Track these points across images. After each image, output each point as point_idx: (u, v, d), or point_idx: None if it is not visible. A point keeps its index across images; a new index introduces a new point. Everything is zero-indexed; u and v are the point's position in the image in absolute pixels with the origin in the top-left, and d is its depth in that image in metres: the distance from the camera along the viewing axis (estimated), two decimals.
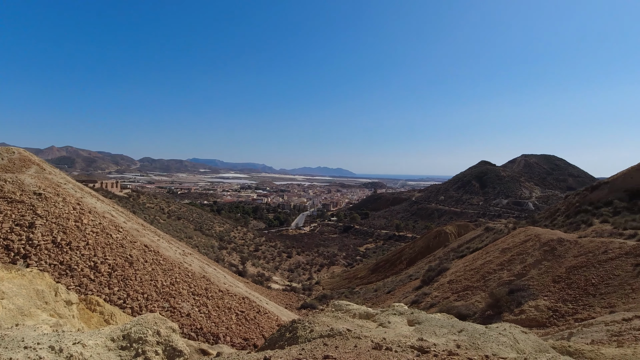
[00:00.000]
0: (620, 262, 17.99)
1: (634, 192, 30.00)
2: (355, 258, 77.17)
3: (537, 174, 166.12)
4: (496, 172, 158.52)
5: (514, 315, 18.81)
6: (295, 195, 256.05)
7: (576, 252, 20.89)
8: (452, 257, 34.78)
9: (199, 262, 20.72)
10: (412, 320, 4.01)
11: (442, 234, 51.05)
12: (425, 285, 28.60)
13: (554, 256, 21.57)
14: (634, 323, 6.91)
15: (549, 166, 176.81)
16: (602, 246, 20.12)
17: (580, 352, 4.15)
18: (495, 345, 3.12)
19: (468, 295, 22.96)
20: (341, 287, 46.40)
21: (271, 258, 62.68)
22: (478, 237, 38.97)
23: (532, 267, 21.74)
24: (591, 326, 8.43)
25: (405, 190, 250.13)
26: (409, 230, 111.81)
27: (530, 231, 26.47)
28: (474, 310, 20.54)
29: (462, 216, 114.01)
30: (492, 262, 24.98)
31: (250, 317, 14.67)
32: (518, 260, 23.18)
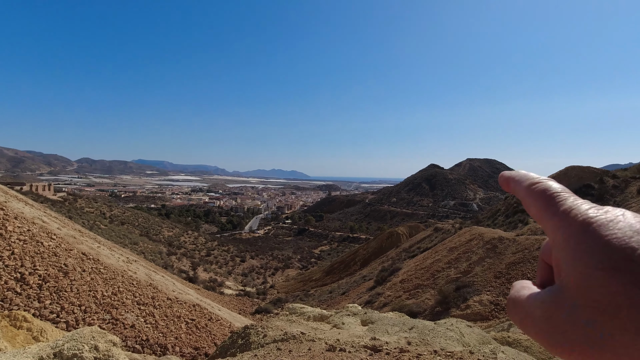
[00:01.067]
0: None
1: None
2: (310, 260, 77.42)
3: (481, 177, 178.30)
4: (444, 175, 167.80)
5: (461, 311, 19.96)
6: (249, 198, 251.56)
7: (514, 249, 22.68)
8: (404, 257, 36.13)
9: (145, 269, 19.57)
10: (365, 321, 4.10)
11: (395, 235, 52.88)
12: (378, 285, 29.41)
13: (495, 253, 23.25)
14: None
15: (490, 169, 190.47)
16: (536, 243, 22.04)
17: (518, 341, 4.51)
18: (443, 340, 3.29)
19: (419, 293, 23.98)
20: (296, 290, 46.28)
21: (224, 263, 60.96)
22: (428, 237, 40.88)
23: (476, 264, 23.24)
24: None
25: (359, 192, 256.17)
26: (363, 231, 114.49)
27: (475, 231, 28.32)
28: (424, 308, 21.50)
29: (413, 217, 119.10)
30: (441, 261, 26.33)
31: (201, 325, 14.10)
32: (464, 258, 24.66)
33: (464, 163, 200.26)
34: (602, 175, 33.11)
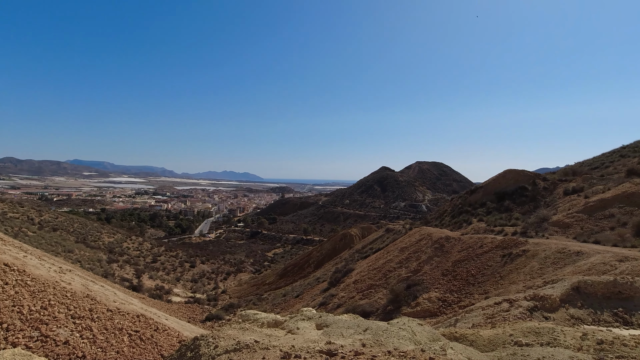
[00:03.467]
0: (492, 255, 21.34)
1: (500, 194, 35.94)
2: (264, 264, 76.39)
3: (429, 179, 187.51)
4: (395, 178, 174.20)
5: (411, 308, 20.77)
6: (200, 201, 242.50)
7: (460, 247, 24.08)
8: (357, 258, 36.86)
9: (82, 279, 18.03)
10: (320, 324, 4.09)
11: (348, 236, 53.81)
12: (332, 286, 29.70)
13: (443, 252, 24.51)
14: (502, 306, 8.25)
15: (438, 172, 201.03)
16: (478, 242, 23.59)
17: (464, 336, 4.78)
18: (396, 340, 3.38)
19: (372, 293, 24.59)
20: (249, 294, 45.34)
21: (172, 269, 58.11)
22: (380, 238, 42.09)
23: (425, 263, 24.34)
24: (472, 312, 9.76)
25: (313, 194, 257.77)
26: (317, 233, 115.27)
27: (424, 231, 29.66)
28: (377, 307, 22.08)
29: (366, 219, 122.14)
30: (392, 261, 27.23)
31: (146, 337, 13.26)
32: (414, 257, 25.72)
33: (413, 166, 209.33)
34: (535, 178, 36.27)
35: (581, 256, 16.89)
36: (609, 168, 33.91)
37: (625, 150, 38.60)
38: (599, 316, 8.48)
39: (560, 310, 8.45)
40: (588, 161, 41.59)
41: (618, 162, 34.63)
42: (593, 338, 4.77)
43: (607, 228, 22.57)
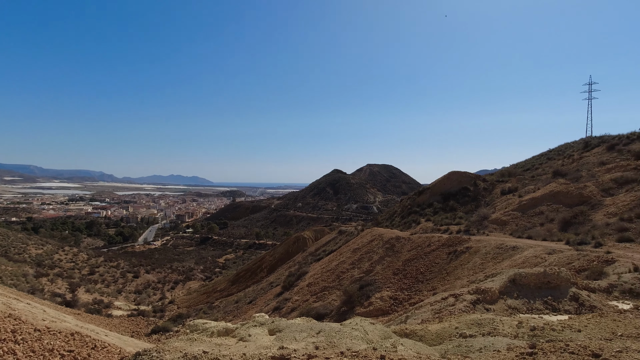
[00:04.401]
0: (439, 252, 22.50)
1: (446, 195, 38.06)
2: (215, 270, 73.94)
3: (379, 181, 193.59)
4: (347, 180, 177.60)
5: (364, 308, 21.22)
6: (144, 207, 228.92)
7: (409, 247, 25.09)
8: (310, 261, 36.96)
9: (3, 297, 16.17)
10: (273, 330, 4.02)
11: (301, 239, 53.83)
12: (286, 290, 29.48)
13: (394, 252, 25.38)
14: (449, 300, 8.72)
15: (388, 174, 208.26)
16: (426, 240, 24.76)
17: (414, 332, 4.98)
18: (349, 341, 3.42)
19: (325, 295, 24.78)
20: (199, 303, 43.57)
21: (112, 280, 54.16)
22: (333, 240, 42.61)
23: (377, 263, 25.03)
24: (421, 308, 10.20)
25: (265, 198, 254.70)
26: (269, 237, 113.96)
27: (375, 232, 30.52)
28: (331, 309, 22.28)
29: (319, 221, 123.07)
30: (345, 262, 27.66)
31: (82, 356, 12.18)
32: (366, 258, 26.35)
33: (364, 168, 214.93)
34: (476, 179, 38.92)
35: (517, 251, 18.40)
36: (538, 170, 37.39)
37: (552, 153, 42.83)
38: (532, 305, 9.28)
39: (499, 301, 9.12)
40: (521, 163, 45.54)
41: (546, 164, 38.31)
42: (527, 325, 5.22)
43: (538, 224, 24.83)
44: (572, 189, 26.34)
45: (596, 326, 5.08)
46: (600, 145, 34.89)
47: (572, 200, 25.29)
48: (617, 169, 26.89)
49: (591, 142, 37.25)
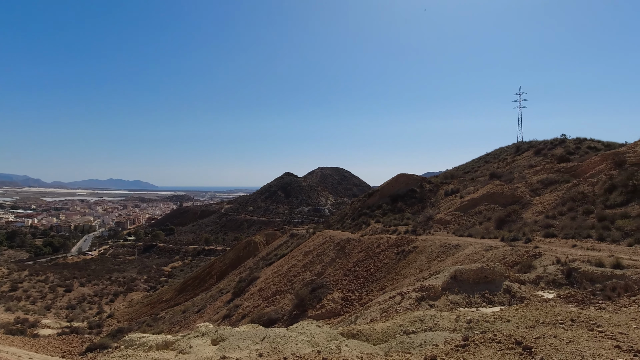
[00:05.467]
0: (388, 253, 23.27)
1: (394, 196, 39.53)
2: (160, 280, 70.12)
3: (331, 184, 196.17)
4: (298, 183, 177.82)
5: (316, 311, 21.30)
6: (78, 214, 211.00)
7: (359, 248, 25.66)
8: (261, 265, 36.40)
9: None
10: (216, 339, 3.87)
11: (252, 243, 52.88)
12: (236, 297, 28.74)
13: (344, 254, 25.79)
14: (395, 299, 9.06)
15: (339, 177, 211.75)
16: (376, 241, 25.49)
17: (361, 332, 5.10)
18: (294, 345, 3.40)
19: (277, 300, 24.51)
20: (143, 315, 41.01)
21: (39, 296, 49.17)
22: (284, 243, 42.37)
23: (328, 265, 25.27)
24: (370, 308, 10.46)
25: (214, 202, 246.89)
26: (219, 243, 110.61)
27: (326, 234, 30.82)
28: (283, 313, 22.09)
29: (270, 225, 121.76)
30: (297, 266, 27.61)
31: None
32: (318, 260, 26.50)
33: (316, 171, 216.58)
34: (422, 181, 40.90)
35: (458, 248, 19.59)
36: (477, 172, 40.21)
37: (489, 157, 46.34)
38: (471, 299, 9.92)
39: (442, 297, 9.64)
40: (462, 166, 48.69)
41: (484, 167, 41.32)
42: (464, 319, 5.58)
43: (477, 223, 26.68)
44: (506, 189, 28.66)
45: (523, 316, 5.58)
46: (529, 149, 38.41)
47: (506, 200, 27.51)
48: (543, 171, 29.72)
49: (521, 147, 40.88)
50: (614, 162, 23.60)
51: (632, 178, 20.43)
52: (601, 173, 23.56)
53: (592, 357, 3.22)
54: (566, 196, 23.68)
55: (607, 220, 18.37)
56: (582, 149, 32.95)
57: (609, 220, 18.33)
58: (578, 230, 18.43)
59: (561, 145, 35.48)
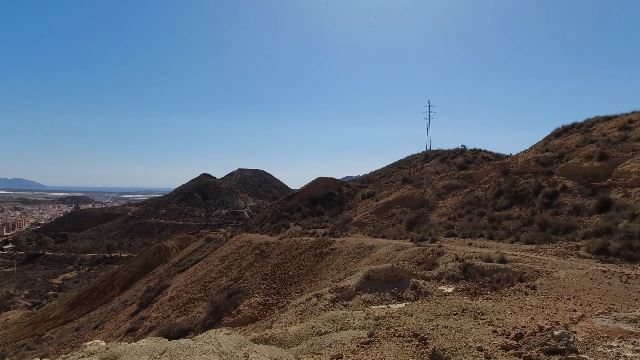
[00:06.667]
0: (307, 255, 23.64)
1: (314, 199, 40.41)
2: (47, 295, 61.29)
3: (251, 186, 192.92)
4: (216, 185, 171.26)
5: (232, 317, 20.67)
6: None
7: (278, 251, 25.62)
8: (173, 272, 34.16)
9: None
10: (107, 358, 3.48)
11: (163, 249, 49.34)
12: (143, 308, 26.49)
13: (263, 257, 25.51)
14: (311, 301, 9.24)
15: (259, 179, 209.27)
16: (295, 244, 25.72)
17: (274, 336, 5.08)
18: (198, 357, 3.24)
19: (190, 308, 23.19)
20: (22, 337, 35.35)
21: None
22: (200, 248, 40.37)
23: (246, 269, 24.74)
24: (286, 311, 10.49)
25: (120, 204, 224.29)
26: (125, 249, 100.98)
27: (245, 237, 30.16)
28: (196, 322, 20.97)
29: (185, 229, 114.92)
30: (213, 271, 26.49)
31: None
32: (235, 265, 25.76)
33: (235, 173, 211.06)
34: (340, 185, 42.52)
35: (373, 249, 20.78)
36: (391, 177, 43.23)
37: (402, 162, 50.19)
38: (383, 297, 10.59)
39: (355, 297, 10.10)
40: (378, 171, 51.91)
41: (397, 172, 44.58)
42: (373, 316, 5.95)
43: (390, 225, 28.64)
44: (416, 193, 31.29)
45: (424, 310, 6.16)
46: (436, 157, 42.57)
47: (416, 203, 30.03)
48: (447, 178, 33.15)
49: (430, 155, 45.11)
50: (501, 171, 27.35)
51: (515, 185, 23.91)
52: (492, 180, 27.11)
53: (474, 342, 3.69)
54: (465, 200, 26.74)
55: (496, 221, 21.20)
56: (478, 159, 37.58)
57: (497, 221, 21.16)
58: (473, 230, 20.93)
59: (461, 154, 40.02)
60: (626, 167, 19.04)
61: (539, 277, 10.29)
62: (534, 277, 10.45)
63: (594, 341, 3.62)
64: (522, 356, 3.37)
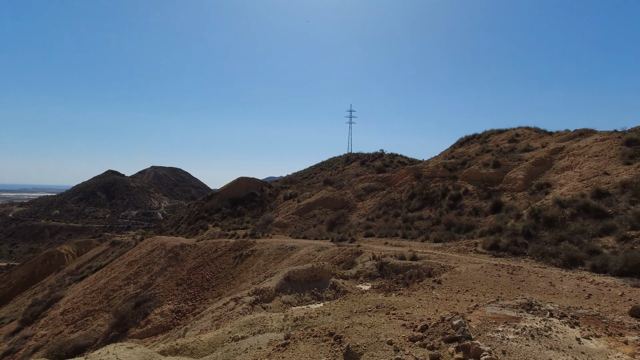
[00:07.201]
0: (226, 257, 22.89)
1: (234, 200, 39.35)
2: None
3: (166, 185, 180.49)
4: (125, 183, 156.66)
5: (140, 328, 19.08)
6: None
7: (195, 254, 24.39)
8: (68, 282, 30.37)
9: None
10: None
11: (56, 255, 43.55)
12: (27, 325, 23.06)
13: (178, 261, 24.06)
14: (229, 305, 8.97)
15: (176, 178, 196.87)
16: (213, 246, 24.74)
17: (185, 346, 4.82)
18: None
19: (89, 322, 20.85)
20: None
21: None
22: (103, 253, 36.56)
23: (158, 275, 23.06)
24: (202, 317, 10.03)
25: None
26: (4, 257, 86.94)
27: (157, 240, 28.12)
28: (96, 337, 18.93)
29: (85, 232, 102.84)
30: (118, 278, 24.20)
31: None
32: (145, 270, 23.85)
33: (148, 170, 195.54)
34: (263, 185, 42.06)
35: (294, 250, 20.95)
36: (314, 178, 44.11)
37: (324, 164, 51.57)
38: (303, 297, 10.73)
39: (275, 299, 10.08)
40: (301, 172, 52.60)
41: (319, 174, 45.65)
42: (291, 317, 6.01)
43: (312, 225, 29.17)
44: (337, 195, 32.37)
45: (341, 308, 6.41)
46: (356, 160, 44.59)
47: (337, 204, 31.04)
48: (366, 180, 34.90)
49: (350, 158, 47.08)
50: (414, 174, 29.70)
51: (426, 188, 26.17)
52: (406, 183, 29.28)
53: (385, 337, 3.96)
54: (382, 202, 28.44)
55: (409, 221, 22.96)
56: (395, 163, 40.27)
57: (410, 221, 22.92)
58: (389, 230, 22.36)
59: (380, 158, 42.53)
60: (513, 174, 22.11)
61: (444, 272, 11.40)
62: (440, 272, 11.54)
63: (485, 327, 4.14)
64: (426, 346, 3.70)
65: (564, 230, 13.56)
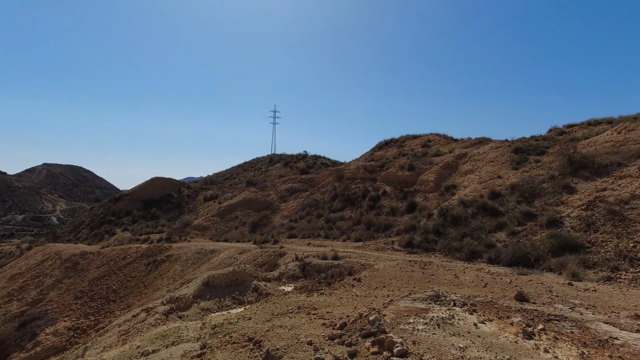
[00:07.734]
0: (137, 264, 21.13)
1: (148, 202, 36.54)
2: None
3: (63, 186, 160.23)
4: (7, 182, 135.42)
5: (27, 352, 16.70)
6: None
7: (99, 262, 22.09)
8: None
9: None
10: None
11: None
12: None
13: (77, 271, 21.55)
14: (140, 316, 8.29)
15: (75, 178, 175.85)
16: (122, 253, 22.68)
17: None
18: None
19: None
20: None
21: None
22: None
23: (51, 288, 20.39)
24: (107, 333, 9.12)
25: None
26: None
27: (50, 249, 24.85)
28: None
29: None
30: None
31: None
32: (34, 284, 20.91)
33: (39, 168, 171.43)
34: (180, 186, 39.75)
35: (215, 253, 20.17)
36: (236, 179, 43.01)
37: (247, 165, 50.59)
38: (223, 302, 10.38)
39: (193, 306, 9.60)
40: (222, 172, 50.90)
41: (242, 175, 44.67)
42: (209, 325, 5.80)
43: (234, 227, 28.38)
44: (260, 196, 31.99)
45: (262, 311, 6.36)
46: (280, 161, 44.61)
47: (260, 206, 30.67)
48: (290, 181, 35.10)
49: (274, 159, 46.95)
50: (337, 176, 30.71)
51: (347, 189, 27.24)
52: (329, 184, 30.13)
53: (305, 337, 4.06)
54: (305, 203, 28.85)
55: (331, 222, 23.66)
56: (318, 164, 41.17)
57: (332, 222, 23.63)
58: (312, 231, 22.78)
59: (303, 160, 43.13)
60: (425, 177, 24.15)
61: (364, 270, 11.98)
62: (360, 270, 12.10)
63: (398, 320, 4.46)
64: (345, 343, 3.87)
65: (467, 227, 15.23)
